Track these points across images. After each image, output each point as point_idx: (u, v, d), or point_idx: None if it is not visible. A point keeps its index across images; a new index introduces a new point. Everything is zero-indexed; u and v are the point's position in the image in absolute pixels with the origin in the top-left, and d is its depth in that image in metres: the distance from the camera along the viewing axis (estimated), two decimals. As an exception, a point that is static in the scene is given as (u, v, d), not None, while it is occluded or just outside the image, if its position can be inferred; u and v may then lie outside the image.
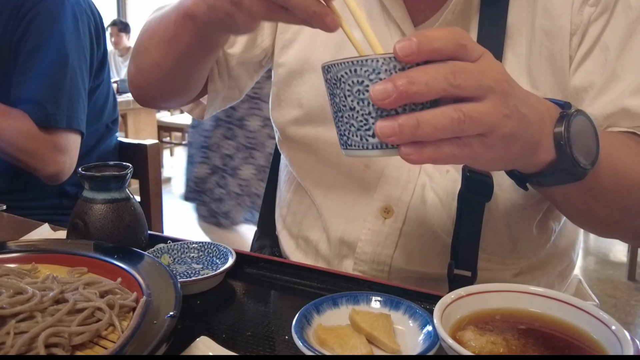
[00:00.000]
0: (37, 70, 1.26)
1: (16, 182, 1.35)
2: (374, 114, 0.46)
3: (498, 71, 0.48)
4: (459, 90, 0.45)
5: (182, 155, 6.32)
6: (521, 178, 0.61)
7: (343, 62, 0.46)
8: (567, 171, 0.56)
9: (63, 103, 1.26)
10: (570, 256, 0.90)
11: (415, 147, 0.45)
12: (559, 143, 0.54)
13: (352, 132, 0.48)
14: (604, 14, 0.73)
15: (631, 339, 0.44)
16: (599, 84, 0.73)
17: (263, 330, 0.61)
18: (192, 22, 0.67)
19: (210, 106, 0.91)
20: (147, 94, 0.88)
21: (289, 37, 0.84)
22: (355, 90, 0.46)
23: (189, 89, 0.85)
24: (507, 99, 0.47)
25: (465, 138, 0.46)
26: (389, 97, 0.44)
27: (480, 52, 0.47)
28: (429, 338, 0.54)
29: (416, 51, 0.44)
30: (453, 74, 0.45)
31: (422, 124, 0.44)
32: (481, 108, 0.46)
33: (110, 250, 0.65)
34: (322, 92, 0.82)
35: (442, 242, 0.79)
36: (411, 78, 0.44)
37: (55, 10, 1.28)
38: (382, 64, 0.45)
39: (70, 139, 1.29)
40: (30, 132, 1.24)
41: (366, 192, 0.81)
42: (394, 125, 0.44)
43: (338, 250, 0.85)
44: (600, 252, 3.65)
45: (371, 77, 0.46)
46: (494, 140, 0.47)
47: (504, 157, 0.50)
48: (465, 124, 0.45)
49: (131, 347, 0.46)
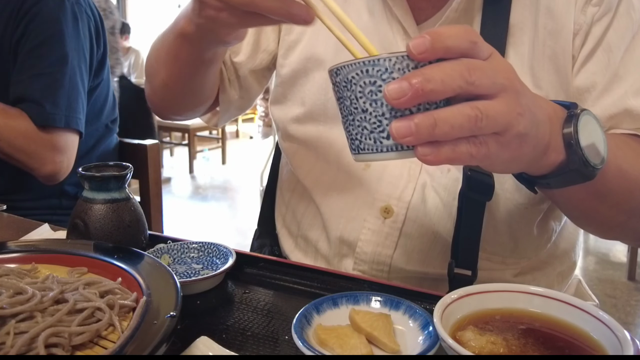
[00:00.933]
0: (36, 69, 1.26)
1: (16, 182, 1.35)
2: (387, 115, 0.45)
3: (508, 70, 0.48)
4: (474, 88, 0.44)
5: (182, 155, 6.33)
6: (530, 181, 0.61)
7: (354, 63, 0.45)
8: (577, 171, 0.55)
9: (62, 103, 1.26)
10: (570, 257, 0.90)
11: (432, 147, 0.44)
12: (569, 143, 0.54)
13: (365, 135, 0.47)
14: (607, 14, 0.73)
15: (631, 339, 0.44)
16: (602, 84, 0.74)
17: (263, 330, 0.61)
18: (187, 40, 0.71)
19: (223, 115, 0.94)
20: (164, 110, 0.92)
21: (294, 38, 0.85)
22: (367, 91, 0.45)
23: (201, 102, 0.89)
24: (519, 97, 0.47)
25: (482, 137, 0.45)
26: (405, 95, 0.43)
27: (490, 50, 0.47)
28: (429, 338, 0.54)
29: (430, 48, 0.43)
30: (468, 70, 0.44)
31: (439, 123, 0.43)
32: (496, 106, 0.45)
33: (110, 250, 0.65)
34: (323, 90, 0.83)
35: (442, 242, 0.79)
36: (426, 75, 0.43)
37: (55, 10, 1.28)
38: (394, 63, 0.44)
39: (69, 139, 1.29)
40: (28, 131, 1.24)
41: (366, 191, 0.81)
42: (410, 125, 0.43)
43: (338, 249, 0.86)
44: (600, 252, 3.65)
45: (384, 77, 0.44)
46: (509, 138, 0.47)
47: (516, 157, 0.50)
48: (482, 122, 0.44)
49: (131, 347, 0.45)
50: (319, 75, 0.83)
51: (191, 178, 5.80)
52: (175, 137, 6.60)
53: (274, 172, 1.03)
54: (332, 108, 0.83)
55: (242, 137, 8.04)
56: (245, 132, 7.91)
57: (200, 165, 6.13)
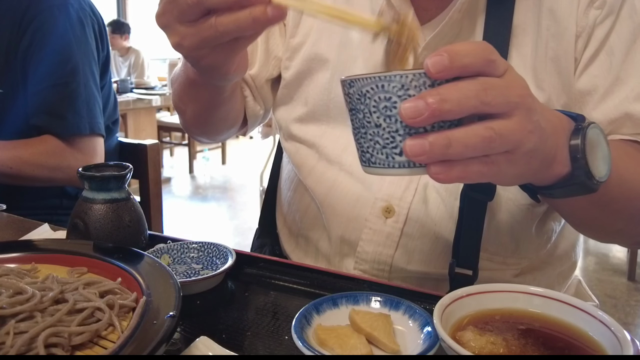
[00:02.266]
0: (50, 80, 1.27)
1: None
2: (401, 132, 0.45)
3: (522, 86, 0.48)
4: (489, 108, 0.44)
5: (182, 155, 6.33)
6: (533, 190, 0.61)
7: (369, 77, 0.45)
8: (582, 184, 0.55)
9: (83, 110, 1.29)
10: (570, 257, 0.90)
11: (444, 166, 0.44)
12: (575, 156, 0.54)
13: (377, 150, 0.46)
14: (609, 17, 0.73)
15: (631, 339, 0.44)
16: (604, 88, 0.74)
17: (263, 330, 0.61)
18: (200, 85, 0.76)
19: (251, 126, 0.97)
20: (202, 137, 0.97)
21: (298, 41, 0.86)
22: (382, 106, 0.45)
23: (233, 123, 0.93)
24: (531, 114, 0.47)
25: (493, 156, 0.45)
26: (421, 115, 0.43)
27: (505, 66, 0.47)
28: (428, 338, 0.54)
29: (448, 67, 0.43)
30: (485, 90, 0.44)
31: (453, 143, 0.43)
32: (509, 125, 0.45)
33: (110, 250, 0.65)
34: (326, 90, 0.83)
35: (443, 243, 0.79)
36: (443, 95, 0.43)
37: (60, 18, 1.28)
38: (411, 80, 0.44)
39: (96, 144, 1.33)
40: (57, 148, 1.28)
41: (368, 191, 0.81)
42: (424, 144, 0.43)
43: (339, 249, 0.86)
44: (600, 253, 3.65)
45: (399, 94, 0.44)
46: (519, 156, 0.47)
47: (524, 172, 0.50)
48: (495, 142, 0.44)
49: (131, 347, 0.45)
50: (322, 76, 0.83)
51: (191, 178, 5.80)
52: (175, 137, 6.59)
53: (275, 171, 1.03)
54: (335, 108, 0.83)
55: (242, 137, 8.04)
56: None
57: (200, 165, 6.13)
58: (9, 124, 1.29)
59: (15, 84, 1.29)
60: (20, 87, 1.29)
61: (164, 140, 6.29)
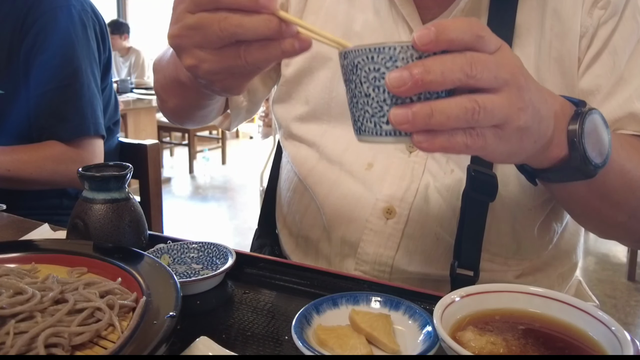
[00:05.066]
0: (54, 83, 1.27)
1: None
2: (388, 101, 0.46)
3: (515, 64, 0.48)
4: (475, 81, 0.45)
5: (182, 155, 6.33)
6: (531, 173, 0.62)
7: (360, 48, 0.47)
8: (578, 168, 0.56)
9: (87, 112, 1.30)
10: (571, 258, 0.90)
11: (428, 135, 0.45)
12: (572, 140, 0.55)
13: (367, 119, 0.48)
14: (613, 17, 0.73)
15: (631, 339, 0.44)
16: (607, 87, 0.74)
17: (263, 330, 0.61)
18: (190, 88, 0.74)
19: (234, 119, 0.96)
20: (178, 123, 0.96)
21: None
22: (371, 77, 0.47)
23: (213, 115, 0.92)
24: (522, 92, 0.48)
25: (479, 129, 0.46)
26: (405, 84, 0.44)
27: (498, 44, 0.47)
28: (428, 338, 0.54)
29: (434, 40, 0.44)
30: (469, 64, 0.45)
31: (435, 113, 0.44)
32: (496, 100, 0.46)
33: (110, 250, 0.65)
34: (327, 89, 0.83)
35: (444, 244, 0.79)
36: (427, 67, 0.44)
37: (63, 20, 1.28)
38: (399, 51, 0.45)
39: (96, 144, 1.34)
40: (65, 154, 1.28)
41: (369, 191, 0.81)
42: (407, 113, 0.44)
43: (339, 249, 0.85)
44: (600, 253, 3.64)
45: (388, 65, 0.46)
46: (508, 132, 0.47)
47: (516, 150, 0.50)
48: (479, 115, 0.45)
49: (131, 347, 0.45)
50: (323, 74, 0.83)
51: (191, 178, 5.80)
52: (175, 137, 6.60)
53: (275, 171, 1.02)
54: (336, 107, 0.83)
55: (242, 137, 8.04)
56: (245, 132, 7.91)
57: (200, 166, 6.13)
58: (10, 125, 1.30)
59: (18, 85, 1.29)
60: (22, 88, 1.29)
61: (164, 140, 6.30)
